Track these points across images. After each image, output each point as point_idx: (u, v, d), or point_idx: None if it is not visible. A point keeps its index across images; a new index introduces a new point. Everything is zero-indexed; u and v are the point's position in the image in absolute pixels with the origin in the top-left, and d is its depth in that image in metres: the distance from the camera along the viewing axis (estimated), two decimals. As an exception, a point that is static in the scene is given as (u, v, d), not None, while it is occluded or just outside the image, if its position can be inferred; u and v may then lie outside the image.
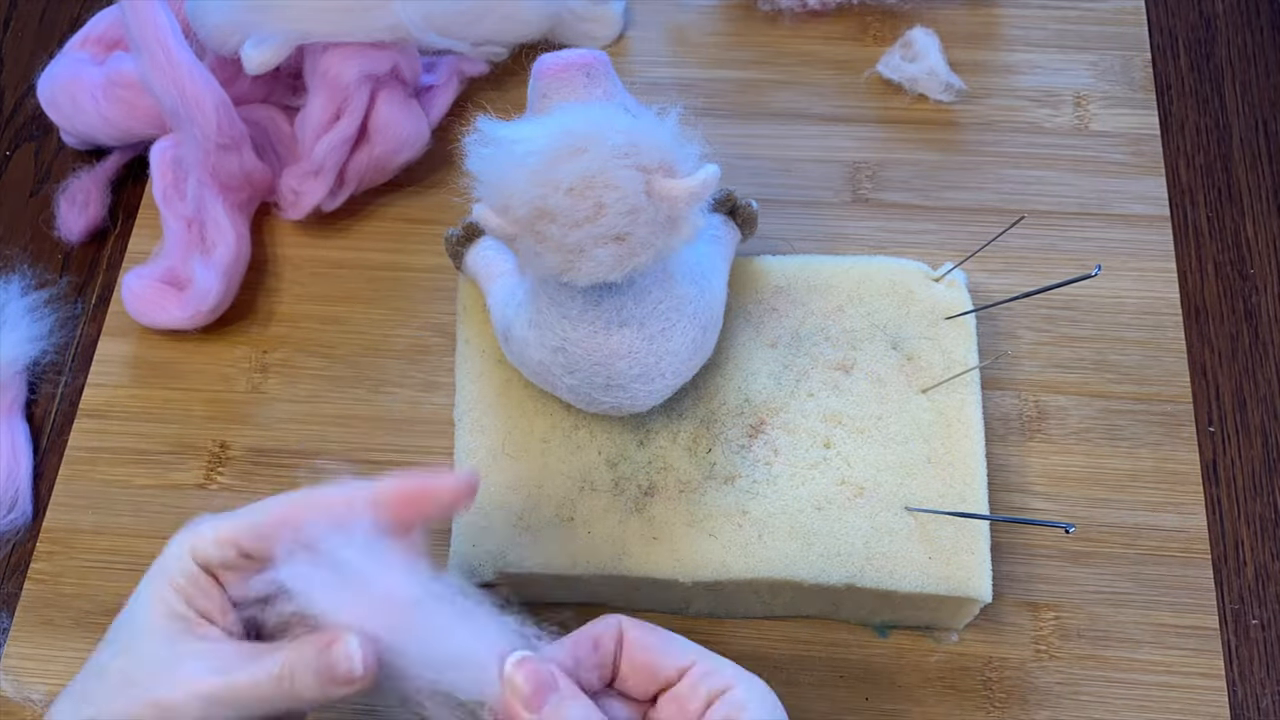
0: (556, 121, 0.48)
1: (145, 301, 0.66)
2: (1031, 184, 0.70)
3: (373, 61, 0.66)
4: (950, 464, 0.57)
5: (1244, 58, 0.75)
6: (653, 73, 0.75)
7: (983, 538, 0.55)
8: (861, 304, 0.60)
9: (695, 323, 0.54)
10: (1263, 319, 0.67)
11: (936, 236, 0.69)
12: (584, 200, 0.47)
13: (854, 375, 0.59)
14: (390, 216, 0.71)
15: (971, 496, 0.56)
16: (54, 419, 0.67)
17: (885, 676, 0.58)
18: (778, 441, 0.57)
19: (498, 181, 0.48)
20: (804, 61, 0.75)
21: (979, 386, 0.58)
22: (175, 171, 0.68)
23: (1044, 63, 0.74)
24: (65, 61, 0.72)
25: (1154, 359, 0.65)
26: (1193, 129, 0.73)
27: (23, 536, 0.63)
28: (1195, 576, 0.60)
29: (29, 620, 0.61)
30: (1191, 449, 0.63)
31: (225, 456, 0.65)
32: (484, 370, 0.60)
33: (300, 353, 0.67)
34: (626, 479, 0.57)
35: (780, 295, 0.61)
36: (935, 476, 0.56)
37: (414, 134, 0.69)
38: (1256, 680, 0.59)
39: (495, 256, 0.59)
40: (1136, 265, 0.68)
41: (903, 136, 0.72)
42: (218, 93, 0.64)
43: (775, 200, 0.69)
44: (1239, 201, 0.70)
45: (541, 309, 0.53)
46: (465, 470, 0.48)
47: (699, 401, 0.58)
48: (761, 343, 0.60)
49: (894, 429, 0.57)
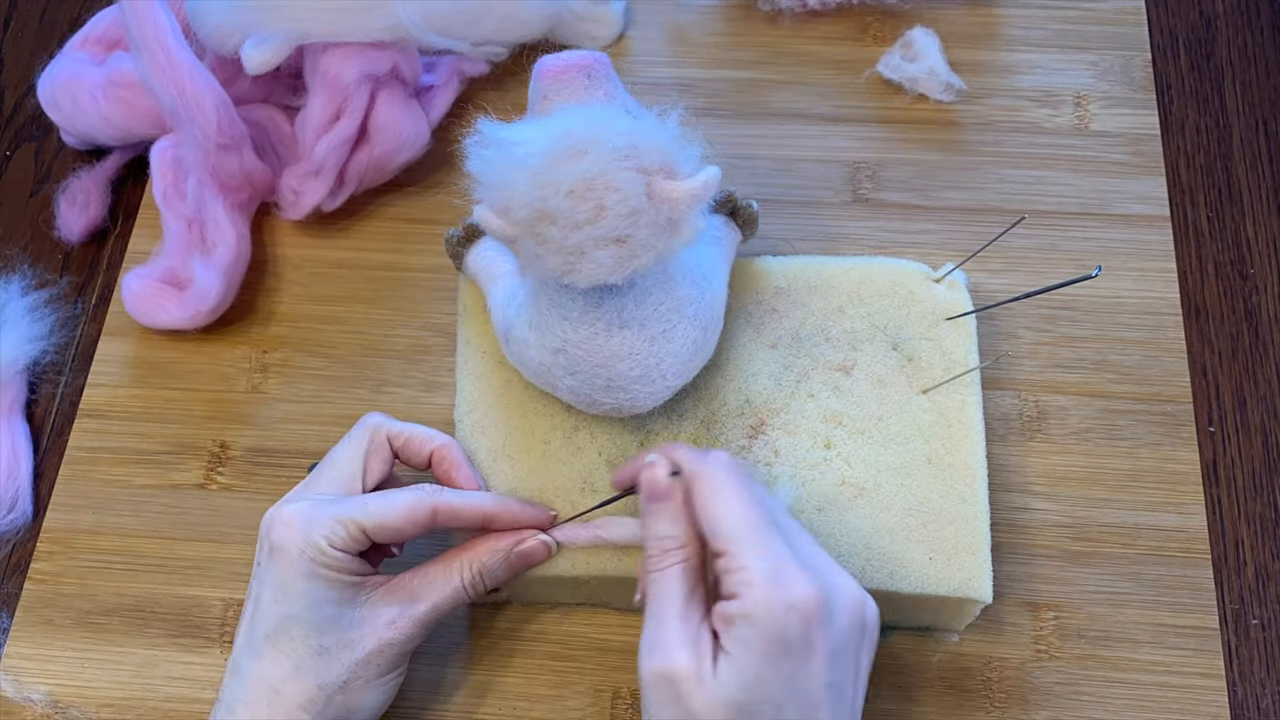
0: (557, 123, 0.48)
1: (145, 301, 0.66)
2: (1031, 184, 0.70)
3: (373, 61, 0.66)
4: (951, 464, 0.56)
5: (1244, 58, 0.75)
6: (653, 73, 0.75)
7: (983, 539, 0.55)
8: (862, 305, 0.60)
9: (696, 324, 0.54)
10: (1263, 319, 0.67)
11: (936, 237, 0.69)
12: (585, 202, 0.47)
13: (854, 376, 0.59)
14: (390, 216, 0.71)
15: (972, 497, 0.56)
16: (54, 419, 0.67)
17: (885, 676, 0.58)
18: (778, 442, 0.57)
19: (498, 183, 0.48)
20: (804, 61, 0.75)
21: (979, 387, 0.58)
22: (175, 171, 0.68)
23: (1044, 63, 0.74)
24: (65, 61, 0.72)
25: (1154, 359, 0.65)
26: (1193, 129, 0.73)
27: (23, 536, 0.63)
28: (1195, 576, 0.60)
29: (29, 620, 0.61)
30: (1191, 449, 0.63)
31: (225, 456, 0.65)
32: (485, 371, 0.60)
33: (300, 353, 0.67)
34: None
35: (781, 296, 0.61)
36: (936, 477, 0.56)
37: (414, 134, 0.69)
38: (1256, 680, 0.59)
39: (496, 258, 0.59)
40: (1136, 265, 0.68)
41: (903, 136, 0.72)
42: (218, 93, 0.64)
43: (775, 200, 0.69)
44: (1239, 201, 0.70)
45: (542, 310, 0.53)
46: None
47: (699, 402, 0.58)
48: (762, 344, 0.60)
49: (894, 430, 0.57)
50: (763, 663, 0.44)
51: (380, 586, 0.53)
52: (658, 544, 0.49)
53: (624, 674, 0.59)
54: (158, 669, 0.60)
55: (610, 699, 0.58)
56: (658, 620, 0.47)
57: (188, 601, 0.61)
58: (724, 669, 0.45)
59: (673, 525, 0.49)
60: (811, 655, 0.45)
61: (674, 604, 0.47)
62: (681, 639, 0.46)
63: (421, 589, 0.53)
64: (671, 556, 0.48)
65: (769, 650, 0.44)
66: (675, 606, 0.47)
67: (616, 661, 0.59)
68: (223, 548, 0.62)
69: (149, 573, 0.62)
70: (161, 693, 0.59)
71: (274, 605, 0.51)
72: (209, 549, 0.62)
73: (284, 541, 0.51)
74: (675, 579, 0.48)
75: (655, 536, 0.49)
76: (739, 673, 0.44)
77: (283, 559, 0.51)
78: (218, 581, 0.61)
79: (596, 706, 0.58)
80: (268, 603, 0.51)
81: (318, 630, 0.51)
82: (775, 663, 0.44)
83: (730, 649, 0.45)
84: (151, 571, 0.62)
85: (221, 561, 0.62)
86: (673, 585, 0.48)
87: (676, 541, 0.49)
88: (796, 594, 0.45)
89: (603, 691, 0.59)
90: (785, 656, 0.45)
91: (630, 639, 0.59)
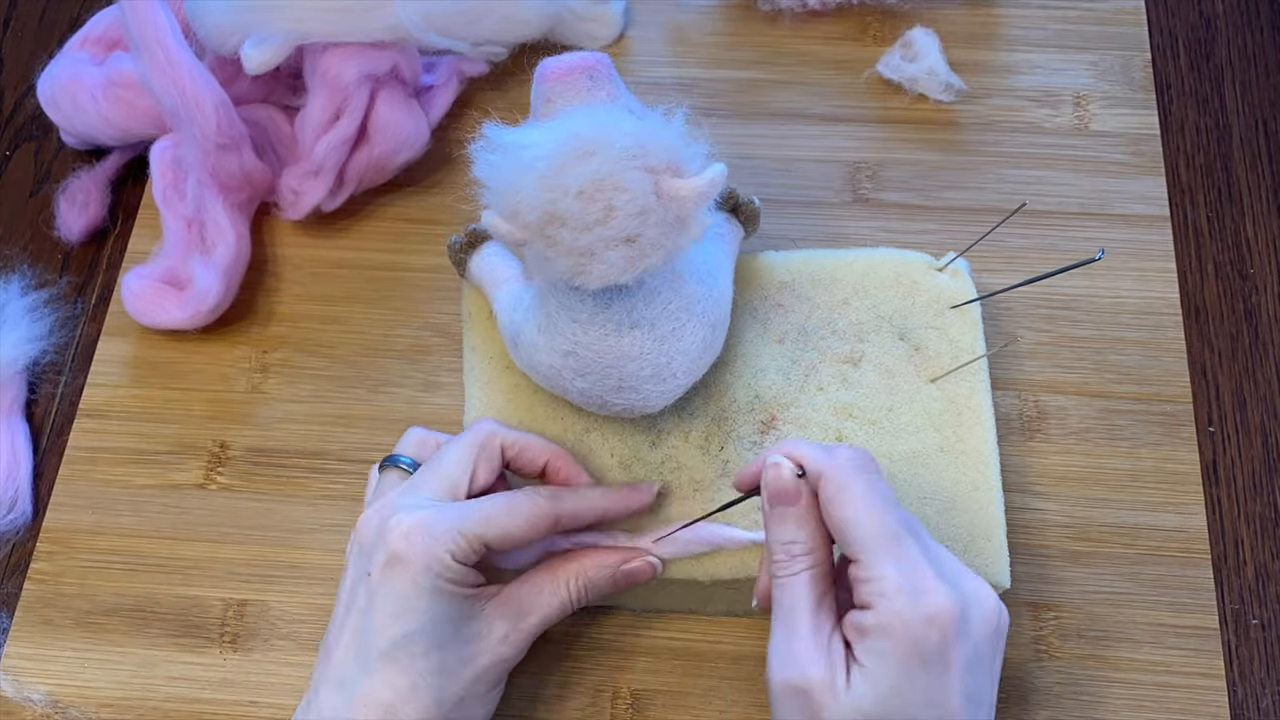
0: (563, 125, 0.48)
1: (145, 301, 0.66)
2: (1031, 184, 0.70)
3: (373, 61, 0.66)
4: (963, 452, 0.57)
5: (1244, 58, 0.75)
6: (653, 73, 0.75)
7: (999, 525, 0.55)
8: (866, 296, 0.60)
9: (704, 321, 0.54)
10: (1263, 319, 0.67)
11: (937, 236, 0.69)
12: (594, 203, 0.47)
13: (862, 367, 0.59)
14: (390, 216, 0.71)
15: (985, 484, 0.56)
16: (54, 419, 0.67)
17: (886, 676, 0.58)
18: (790, 436, 0.57)
19: (506, 188, 0.48)
20: (804, 61, 0.75)
21: (988, 375, 0.59)
22: (175, 171, 0.68)
23: (1044, 63, 0.74)
24: (65, 61, 0.72)
25: (1154, 359, 0.65)
26: (1193, 129, 0.73)
27: (23, 536, 0.63)
28: (1195, 576, 0.60)
29: (29, 620, 0.61)
30: (1191, 449, 0.63)
31: (225, 456, 0.65)
32: (492, 376, 0.60)
33: (300, 353, 0.67)
34: (640, 480, 0.57)
35: (785, 291, 0.61)
36: (948, 465, 0.56)
37: (414, 134, 0.69)
38: (1256, 680, 0.59)
39: (500, 262, 0.59)
40: (1136, 265, 0.68)
41: (903, 136, 0.72)
42: (218, 93, 0.64)
43: (775, 200, 0.69)
44: (1239, 201, 0.70)
45: (550, 314, 0.53)
46: None
47: (709, 400, 0.58)
48: (769, 339, 0.60)
49: (905, 419, 0.57)
50: (899, 676, 0.43)
51: (492, 599, 0.51)
52: (784, 549, 0.47)
53: (624, 674, 0.59)
54: (158, 669, 0.60)
55: (610, 699, 0.58)
56: (788, 629, 0.46)
57: (188, 601, 0.61)
58: (858, 682, 0.44)
59: (799, 529, 0.47)
60: (948, 668, 0.44)
61: (804, 613, 0.46)
62: (814, 650, 0.45)
63: (530, 602, 0.52)
64: (800, 562, 0.47)
65: (905, 663, 0.43)
66: (806, 615, 0.46)
67: (616, 661, 0.59)
68: (223, 548, 0.62)
69: (149, 573, 0.62)
70: (161, 693, 0.59)
71: (393, 621, 0.49)
72: (209, 549, 0.62)
73: (406, 553, 0.48)
74: (804, 586, 0.46)
75: (781, 541, 0.47)
76: (874, 686, 0.43)
77: (403, 571, 0.49)
78: (218, 581, 0.61)
79: (596, 706, 0.58)
80: (385, 618, 0.49)
81: (439, 647, 0.49)
82: (911, 676, 0.43)
83: (864, 661, 0.44)
84: (151, 571, 0.62)
85: (221, 561, 0.62)
86: (802, 593, 0.46)
87: (804, 546, 0.47)
88: (934, 606, 0.43)
89: (603, 691, 0.59)
90: (922, 670, 0.43)
91: (631, 640, 0.59)
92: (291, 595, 0.61)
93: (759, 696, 0.58)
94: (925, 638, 0.43)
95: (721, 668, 0.59)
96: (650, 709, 0.58)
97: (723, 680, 0.58)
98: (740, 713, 0.58)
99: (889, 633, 0.43)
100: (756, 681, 0.58)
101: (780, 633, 0.46)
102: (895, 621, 0.43)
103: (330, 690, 0.49)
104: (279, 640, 0.60)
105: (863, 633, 0.44)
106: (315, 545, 0.62)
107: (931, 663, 0.43)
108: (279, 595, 0.61)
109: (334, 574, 0.61)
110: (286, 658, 0.60)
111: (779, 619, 0.46)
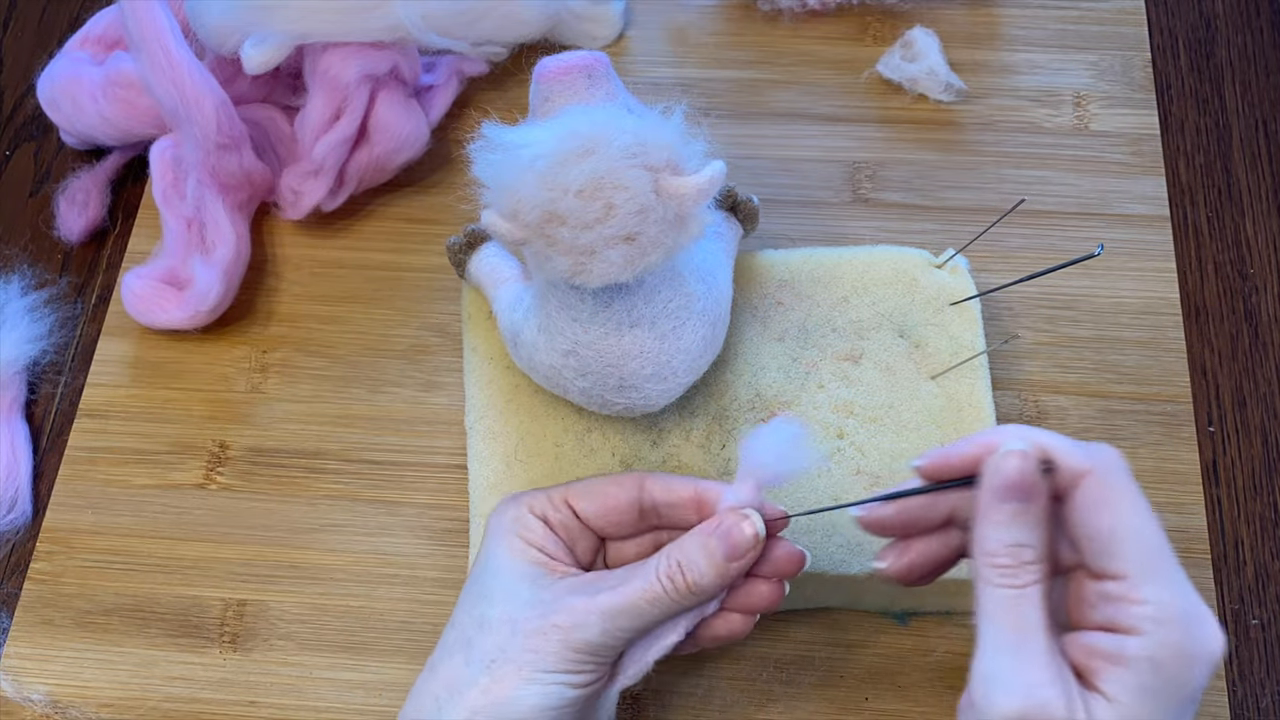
0: (562, 124, 0.48)
1: (145, 301, 0.66)
2: (1031, 184, 0.70)
3: (372, 61, 0.66)
4: None
5: (1244, 58, 0.75)
6: (653, 73, 0.75)
7: None
8: (866, 294, 0.60)
9: (705, 319, 0.54)
10: (1263, 319, 0.67)
11: (936, 236, 0.68)
12: (594, 202, 0.47)
13: (863, 365, 0.59)
14: (390, 216, 0.71)
15: None
16: (54, 419, 0.67)
17: (885, 677, 0.58)
18: None
19: (506, 187, 0.48)
20: (804, 61, 0.75)
21: (988, 371, 0.59)
22: (175, 171, 0.68)
23: (1044, 63, 0.74)
24: (65, 61, 0.72)
25: (1154, 359, 0.65)
26: (1193, 129, 0.73)
27: (23, 536, 0.63)
28: (1195, 576, 0.59)
29: (29, 620, 0.61)
30: (1191, 449, 0.63)
31: (225, 456, 0.65)
32: (492, 377, 0.60)
33: (300, 353, 0.67)
34: None
35: (785, 289, 0.61)
36: None
37: (414, 134, 0.69)
38: (1256, 680, 0.59)
39: (499, 263, 0.59)
40: (1136, 265, 0.68)
41: (903, 136, 0.72)
42: (218, 93, 0.64)
43: (775, 200, 0.69)
44: (1239, 201, 0.70)
45: (551, 313, 0.53)
46: None
47: (710, 398, 0.58)
48: (769, 337, 0.60)
49: (906, 416, 0.58)
50: (1154, 714, 0.39)
51: (571, 576, 0.48)
52: (1014, 553, 0.41)
53: (624, 674, 0.59)
54: (157, 669, 0.60)
55: (610, 699, 0.58)
56: (1017, 650, 0.40)
57: (188, 601, 0.61)
58: (1103, 715, 0.39)
59: (1033, 531, 0.42)
60: (1190, 711, 0.40)
61: (1038, 632, 0.41)
62: (1049, 674, 0.40)
63: (611, 577, 0.48)
64: (1031, 572, 0.41)
65: (1166, 702, 0.39)
66: (1040, 636, 0.40)
67: (617, 661, 0.59)
68: (222, 548, 0.62)
69: (149, 573, 0.62)
70: (161, 693, 0.59)
71: (474, 583, 0.49)
72: (209, 549, 0.62)
73: (492, 518, 0.50)
74: (1036, 600, 0.41)
75: (1010, 544, 0.42)
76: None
77: (489, 533, 0.50)
78: (217, 581, 0.61)
79: (597, 706, 0.58)
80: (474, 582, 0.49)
81: (513, 608, 0.47)
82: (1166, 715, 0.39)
83: (1113, 693, 0.39)
84: (151, 571, 0.62)
85: (221, 561, 0.62)
86: (1033, 608, 0.41)
87: (1036, 552, 0.42)
88: (1213, 643, 0.39)
89: (603, 691, 0.58)
90: (1177, 711, 0.39)
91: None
92: (291, 595, 0.61)
93: (759, 697, 0.58)
94: (1193, 677, 0.39)
95: (722, 668, 0.59)
96: (650, 709, 0.58)
97: (723, 680, 0.58)
98: (740, 713, 0.58)
99: (1158, 667, 0.39)
100: (757, 681, 0.58)
101: (1004, 654, 0.40)
102: (1167, 655, 0.39)
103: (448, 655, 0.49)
104: (278, 640, 0.60)
105: (1116, 662, 0.40)
106: (315, 545, 0.62)
107: (1187, 705, 0.40)
108: (278, 595, 0.61)
109: (334, 574, 0.61)
110: (286, 658, 0.60)
111: (998, 636, 0.41)
